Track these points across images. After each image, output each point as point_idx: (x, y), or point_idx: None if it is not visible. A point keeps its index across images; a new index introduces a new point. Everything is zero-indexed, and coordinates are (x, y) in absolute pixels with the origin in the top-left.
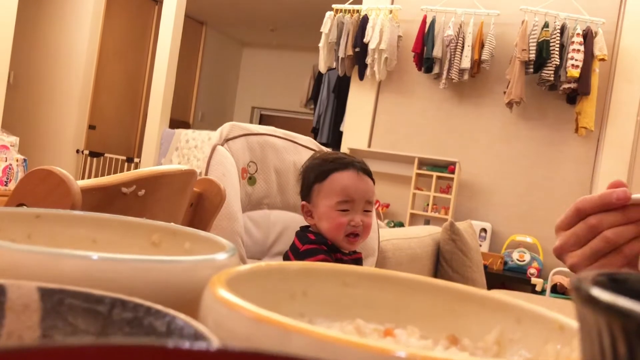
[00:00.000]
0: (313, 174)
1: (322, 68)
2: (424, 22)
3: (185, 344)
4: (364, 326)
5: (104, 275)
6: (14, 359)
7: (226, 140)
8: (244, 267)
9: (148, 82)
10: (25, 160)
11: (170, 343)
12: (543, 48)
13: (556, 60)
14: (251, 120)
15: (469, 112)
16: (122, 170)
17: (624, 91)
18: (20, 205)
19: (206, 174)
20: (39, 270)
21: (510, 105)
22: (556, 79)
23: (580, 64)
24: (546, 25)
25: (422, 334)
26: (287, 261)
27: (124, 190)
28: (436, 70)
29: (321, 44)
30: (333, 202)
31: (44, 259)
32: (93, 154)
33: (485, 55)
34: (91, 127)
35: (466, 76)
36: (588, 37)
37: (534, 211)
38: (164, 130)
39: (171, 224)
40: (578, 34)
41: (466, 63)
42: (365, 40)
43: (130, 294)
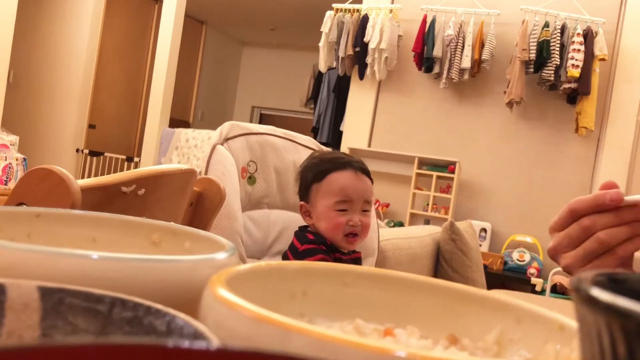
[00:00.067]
0: (311, 174)
1: (322, 67)
2: (424, 21)
3: (185, 343)
4: (363, 326)
5: (104, 274)
6: (14, 358)
7: (226, 140)
8: (243, 266)
9: (148, 81)
10: (25, 160)
11: (170, 342)
12: (543, 48)
13: (556, 60)
14: (251, 120)
15: (469, 111)
16: (122, 170)
17: (624, 91)
18: (20, 204)
19: (206, 173)
20: (38, 270)
21: (510, 105)
22: (556, 79)
23: (580, 63)
24: (546, 25)
25: (422, 333)
26: (286, 261)
27: (124, 189)
28: (436, 69)
29: (321, 43)
30: (331, 202)
31: (43, 258)
32: (93, 153)
33: (486, 55)
34: (91, 127)
35: (466, 76)
36: (588, 37)
37: (534, 211)
38: (163, 130)
39: (171, 223)
40: (578, 34)
41: (466, 63)
42: (366, 39)
43: (130, 293)
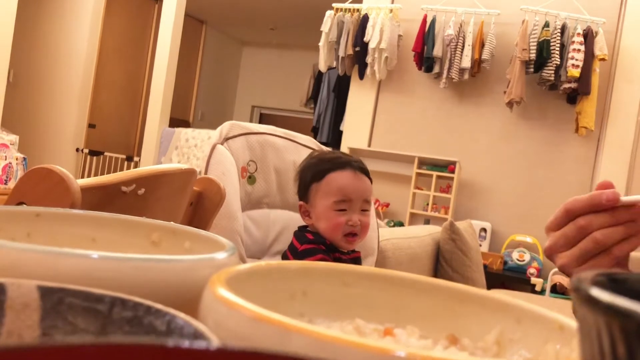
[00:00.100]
0: (310, 174)
1: (322, 67)
2: (424, 21)
3: (185, 343)
4: (363, 326)
5: (104, 274)
6: (14, 358)
7: (226, 139)
8: (243, 266)
9: (148, 80)
10: (24, 159)
11: (170, 342)
12: (543, 48)
13: (556, 60)
14: (251, 119)
15: (469, 111)
16: (121, 169)
17: (625, 91)
18: (19, 203)
19: (206, 173)
20: (38, 269)
21: (510, 104)
22: (556, 79)
23: (580, 63)
24: (547, 24)
25: (421, 333)
26: (286, 261)
27: (124, 189)
28: (436, 69)
29: (321, 43)
30: (330, 202)
31: (43, 257)
32: (93, 153)
33: (486, 55)
34: (91, 126)
35: (466, 76)
36: (588, 36)
37: (534, 211)
38: (163, 129)
39: (171, 223)
40: (578, 34)
41: (466, 62)
42: (366, 39)
43: (130, 292)
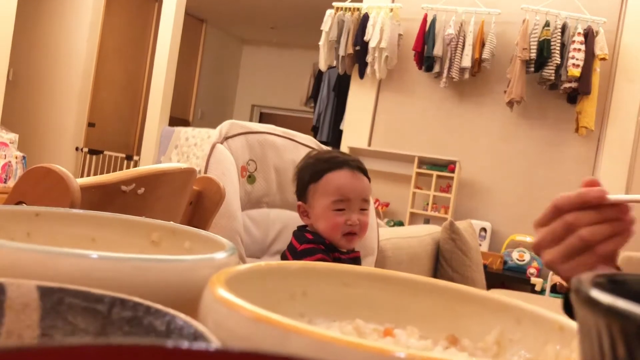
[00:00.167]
0: (308, 174)
1: (322, 66)
2: (424, 20)
3: (185, 344)
4: (363, 326)
5: (104, 274)
6: (13, 359)
7: (226, 139)
8: (243, 266)
9: (148, 79)
10: (24, 158)
11: (170, 343)
12: (544, 47)
13: (557, 59)
14: (251, 119)
15: (470, 111)
16: (121, 168)
17: (625, 91)
18: (19, 203)
19: (205, 172)
20: (38, 269)
21: (510, 104)
22: (557, 78)
23: (581, 63)
24: (547, 24)
25: (421, 334)
26: (286, 261)
27: (124, 188)
28: (437, 69)
29: (321, 42)
30: (329, 202)
31: (43, 257)
32: (92, 152)
33: (486, 54)
34: (90, 125)
35: (467, 75)
36: (589, 36)
37: (534, 211)
38: (163, 128)
39: (171, 222)
40: (579, 33)
41: (467, 62)
42: (366, 38)
43: (130, 293)
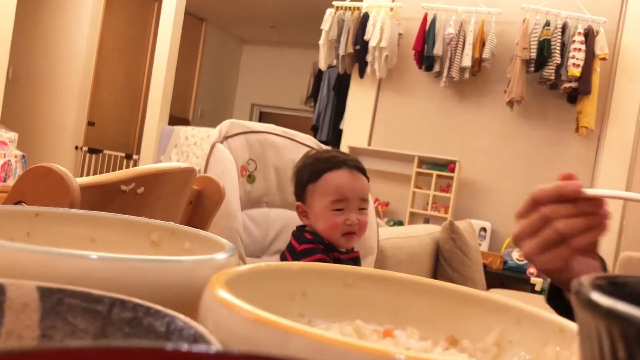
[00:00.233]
0: (306, 174)
1: (322, 65)
2: (424, 20)
3: (184, 346)
4: (363, 327)
5: (104, 274)
6: None
7: (225, 138)
8: (243, 267)
9: (147, 78)
10: (23, 156)
11: (169, 345)
12: (544, 47)
13: (557, 59)
14: (251, 118)
15: (470, 110)
16: (120, 167)
17: (625, 90)
18: (18, 202)
19: (205, 171)
20: (38, 270)
21: (510, 104)
22: (557, 78)
23: (581, 63)
24: (547, 23)
25: (421, 335)
26: (286, 262)
27: (123, 187)
28: (437, 68)
29: (321, 41)
30: (327, 202)
31: (43, 258)
32: (92, 151)
33: (486, 54)
34: (90, 124)
35: (467, 75)
36: (589, 36)
37: None
38: (163, 127)
39: (170, 223)
40: (579, 33)
41: (467, 61)
42: (366, 37)
43: (130, 293)
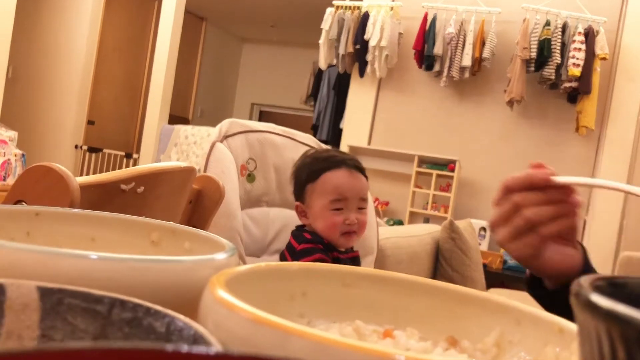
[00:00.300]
0: (305, 174)
1: (322, 65)
2: (425, 19)
3: (184, 347)
4: (363, 327)
5: (104, 274)
6: None
7: (225, 137)
8: (243, 267)
9: (147, 77)
10: (23, 155)
11: (169, 347)
12: (544, 46)
13: (557, 58)
14: (250, 117)
15: (470, 110)
16: (120, 166)
17: (625, 90)
18: (18, 202)
19: (205, 170)
20: (38, 269)
21: (510, 103)
22: (557, 78)
23: (581, 62)
24: (547, 23)
25: (421, 335)
26: (286, 262)
27: (123, 187)
28: (437, 68)
29: (321, 40)
30: (326, 201)
31: (43, 258)
32: (92, 150)
33: (486, 54)
34: (90, 123)
35: (467, 74)
36: (589, 35)
37: None
38: (163, 126)
39: (170, 222)
40: (579, 33)
41: (467, 61)
42: (366, 37)
43: (130, 293)
